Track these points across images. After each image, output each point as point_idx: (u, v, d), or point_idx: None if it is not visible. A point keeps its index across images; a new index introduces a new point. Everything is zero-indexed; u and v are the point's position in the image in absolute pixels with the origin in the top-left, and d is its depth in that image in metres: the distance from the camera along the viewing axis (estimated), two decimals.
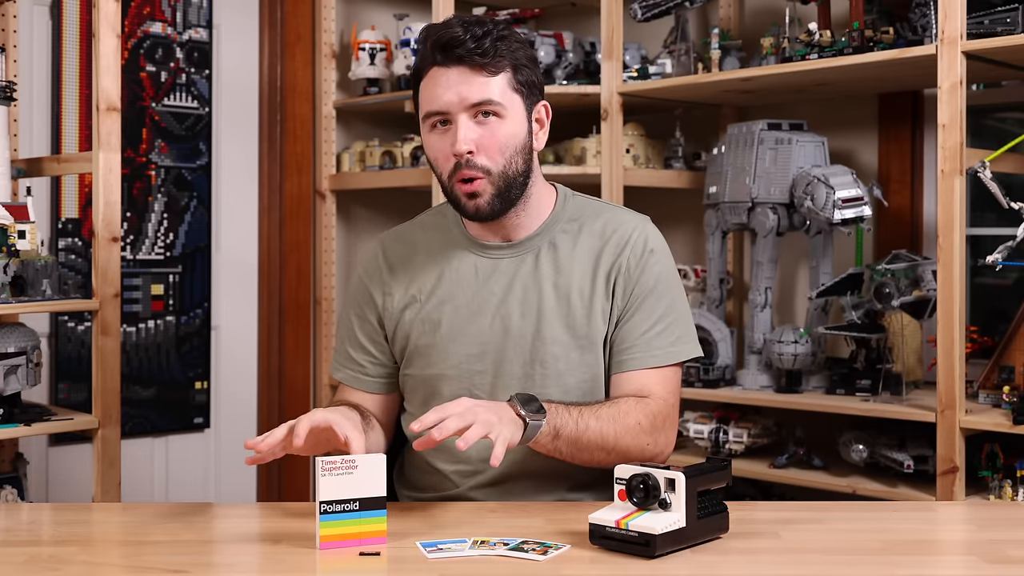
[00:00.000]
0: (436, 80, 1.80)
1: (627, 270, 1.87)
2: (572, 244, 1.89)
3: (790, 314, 3.34)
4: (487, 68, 1.78)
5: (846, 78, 2.90)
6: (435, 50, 1.79)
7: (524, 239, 1.90)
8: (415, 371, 1.92)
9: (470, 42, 1.77)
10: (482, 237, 1.91)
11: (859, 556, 1.54)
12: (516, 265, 1.89)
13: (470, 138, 1.78)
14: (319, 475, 1.52)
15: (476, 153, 1.79)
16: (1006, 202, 2.44)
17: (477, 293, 1.88)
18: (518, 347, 1.86)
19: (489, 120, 1.79)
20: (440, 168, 1.83)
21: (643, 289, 1.86)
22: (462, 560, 1.49)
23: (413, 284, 1.92)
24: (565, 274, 1.87)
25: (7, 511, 1.91)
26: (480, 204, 1.81)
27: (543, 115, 1.89)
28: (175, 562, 1.50)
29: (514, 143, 1.81)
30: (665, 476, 1.52)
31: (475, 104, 1.78)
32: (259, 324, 3.60)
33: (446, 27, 1.80)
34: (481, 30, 1.78)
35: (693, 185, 3.34)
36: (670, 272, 1.91)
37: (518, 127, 1.82)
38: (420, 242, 1.96)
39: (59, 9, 3.20)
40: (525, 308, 1.87)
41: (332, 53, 3.62)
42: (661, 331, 1.87)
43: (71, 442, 3.20)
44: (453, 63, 1.78)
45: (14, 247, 2.51)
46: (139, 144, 3.35)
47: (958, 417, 2.49)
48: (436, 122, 1.82)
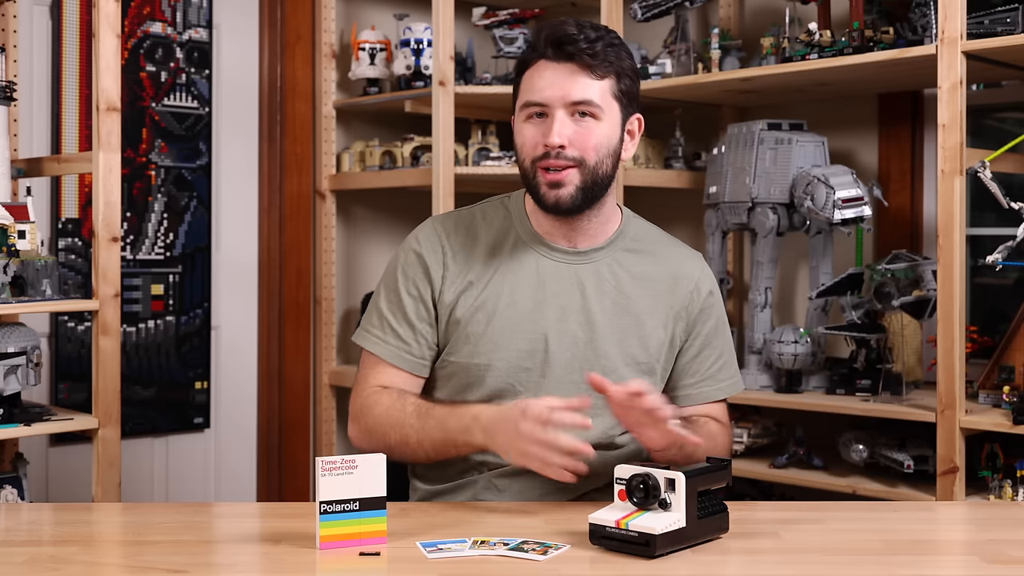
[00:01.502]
0: (542, 73, 1.83)
1: (689, 311, 1.95)
2: (637, 265, 1.93)
3: (790, 314, 3.35)
4: (594, 71, 1.82)
5: (846, 78, 2.90)
6: (548, 44, 1.83)
7: (590, 249, 1.92)
8: (460, 358, 1.89)
9: (583, 43, 1.81)
10: (549, 236, 1.92)
11: (859, 556, 1.54)
12: (579, 272, 1.91)
13: (564, 133, 1.81)
14: (319, 475, 1.52)
15: (567, 147, 1.81)
16: (1006, 202, 2.44)
17: (537, 291, 1.89)
18: (569, 353, 1.88)
19: (585, 120, 1.82)
20: (525, 154, 1.85)
21: (708, 328, 1.97)
22: (462, 560, 1.49)
23: (471, 270, 1.91)
24: (626, 294, 1.91)
25: (7, 511, 1.91)
26: (562, 195, 1.83)
27: (635, 128, 1.92)
28: (175, 562, 1.50)
29: (607, 144, 1.85)
30: (665, 476, 1.52)
31: (575, 102, 1.81)
32: (259, 324, 3.60)
33: (562, 24, 1.84)
34: (595, 34, 1.83)
35: (693, 185, 3.34)
36: (724, 311, 2.03)
37: (612, 132, 1.85)
38: (480, 229, 1.95)
39: (59, 9, 3.20)
40: (583, 316, 1.89)
41: (332, 53, 3.62)
42: (722, 366, 1.99)
43: (71, 442, 3.19)
44: (563, 59, 1.82)
45: (14, 247, 2.51)
46: (139, 144, 3.35)
47: (958, 417, 2.49)
48: (533, 113, 1.84)
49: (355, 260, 3.71)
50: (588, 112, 1.82)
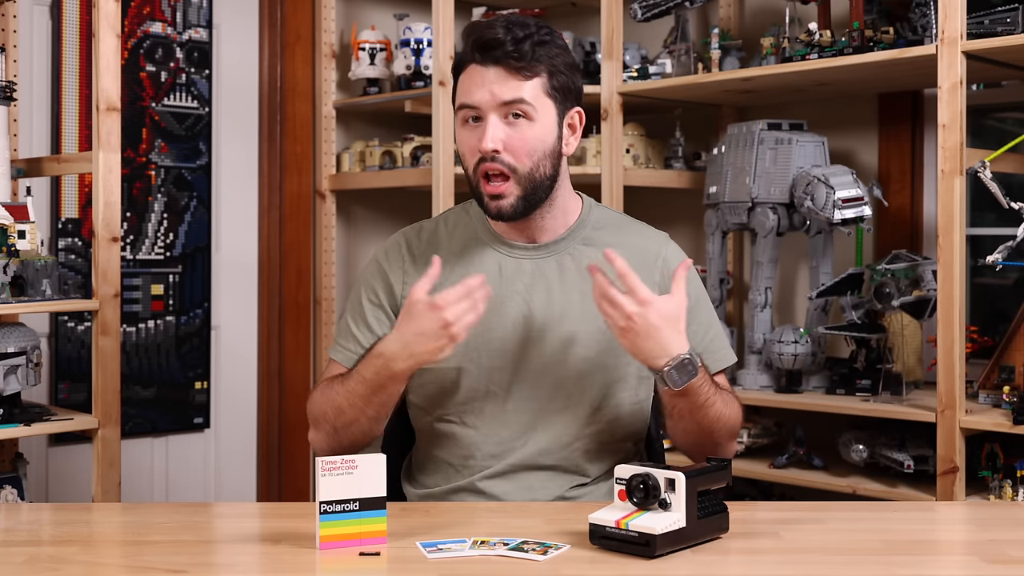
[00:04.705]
0: (472, 77, 1.83)
1: (660, 285, 1.90)
2: (598, 252, 1.90)
3: (790, 314, 3.34)
4: (522, 72, 1.81)
5: (846, 78, 2.90)
6: (475, 49, 1.82)
7: (550, 242, 1.92)
8: (431, 364, 1.89)
9: (509, 44, 1.80)
10: (507, 235, 1.93)
11: (859, 556, 1.54)
12: (540, 266, 1.91)
13: (498, 137, 1.81)
14: (319, 475, 1.52)
15: (502, 152, 1.81)
16: (1006, 202, 2.44)
17: (500, 290, 1.89)
18: (538, 347, 1.88)
19: (519, 122, 1.82)
20: (467, 162, 1.86)
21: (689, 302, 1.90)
22: (462, 560, 1.49)
23: None
24: (590, 280, 1.88)
25: (7, 511, 1.91)
26: (503, 206, 1.83)
27: (576, 121, 1.91)
28: (175, 562, 1.50)
29: (542, 147, 1.84)
30: (665, 476, 1.52)
31: (506, 103, 1.81)
32: (259, 324, 3.60)
33: (489, 27, 1.83)
34: (522, 33, 1.81)
35: (693, 185, 3.34)
36: (701, 285, 2.00)
37: (547, 131, 1.84)
38: (443, 236, 1.96)
39: (59, 9, 3.20)
40: (548, 309, 1.88)
41: (332, 53, 3.62)
42: (714, 337, 1.96)
43: (71, 442, 3.19)
44: (490, 63, 1.81)
45: (14, 247, 2.51)
46: (139, 144, 3.35)
47: (958, 417, 2.49)
48: (468, 117, 1.84)
49: (355, 260, 3.71)
50: (520, 112, 1.81)
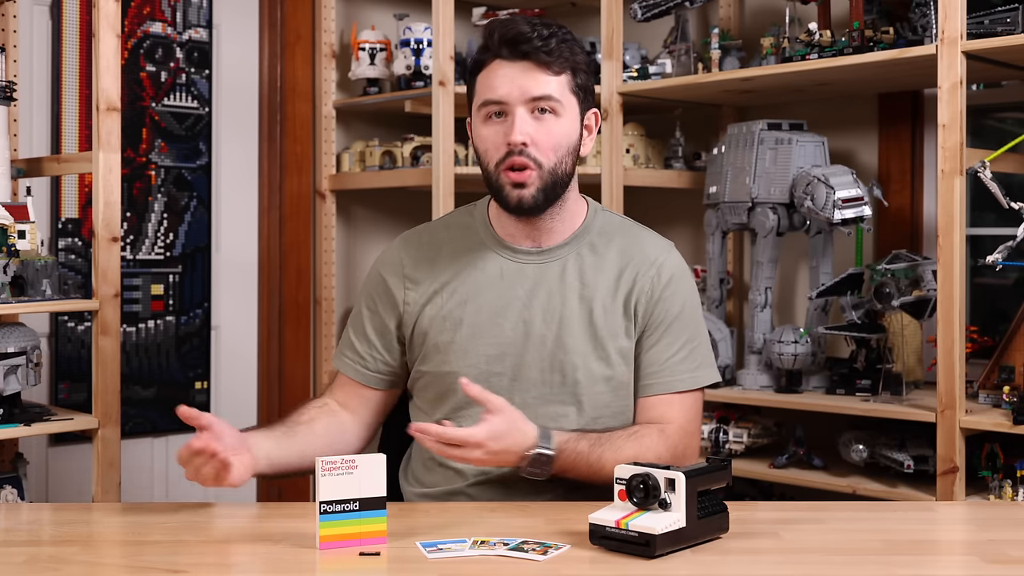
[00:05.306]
0: (497, 72, 1.83)
1: (650, 293, 1.89)
2: (600, 258, 1.91)
3: (790, 314, 3.34)
4: (551, 67, 1.82)
5: (846, 78, 2.90)
6: (501, 44, 1.83)
7: (553, 247, 1.91)
8: (431, 368, 1.91)
9: (537, 40, 1.81)
10: (512, 239, 1.92)
11: (859, 556, 1.54)
12: (543, 271, 1.90)
13: (526, 130, 1.81)
14: (319, 475, 1.52)
15: (530, 146, 1.81)
16: (1006, 202, 2.44)
17: (501, 295, 1.89)
18: (538, 353, 1.87)
19: (545, 117, 1.82)
20: (488, 157, 1.85)
21: (668, 315, 1.89)
22: (462, 560, 1.49)
23: (436, 280, 1.92)
24: (590, 287, 1.89)
25: (7, 511, 1.91)
26: (524, 195, 1.83)
27: (592, 122, 1.92)
28: (175, 562, 1.50)
29: (567, 143, 1.85)
30: (665, 476, 1.52)
31: (535, 98, 1.81)
32: (259, 324, 3.60)
33: (514, 23, 1.84)
34: (547, 31, 1.83)
35: (693, 185, 3.34)
36: (694, 299, 1.95)
37: (571, 128, 1.85)
38: (444, 240, 1.96)
39: (59, 9, 3.20)
40: (548, 315, 1.88)
41: (332, 53, 3.62)
42: (684, 357, 1.90)
43: (71, 442, 3.19)
44: (518, 58, 1.82)
45: (14, 247, 2.51)
46: (139, 144, 3.35)
47: (958, 417, 2.49)
48: (492, 112, 1.84)
49: (355, 260, 3.71)
50: (548, 108, 1.82)
